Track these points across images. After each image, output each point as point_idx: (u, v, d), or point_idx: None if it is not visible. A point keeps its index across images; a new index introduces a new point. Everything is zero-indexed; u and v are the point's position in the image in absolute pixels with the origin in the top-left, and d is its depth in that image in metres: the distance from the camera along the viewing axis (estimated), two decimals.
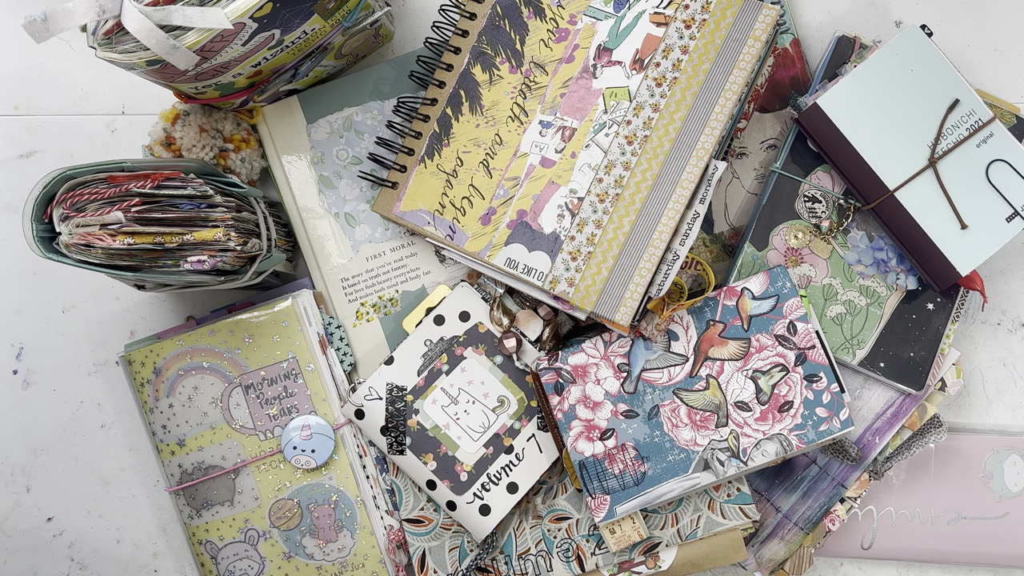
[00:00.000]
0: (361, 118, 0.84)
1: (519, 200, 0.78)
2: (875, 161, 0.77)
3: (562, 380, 0.77)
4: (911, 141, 0.77)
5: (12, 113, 0.88)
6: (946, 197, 0.77)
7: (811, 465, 0.81)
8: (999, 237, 0.77)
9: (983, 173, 0.77)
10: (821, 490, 0.81)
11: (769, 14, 0.75)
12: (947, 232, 0.77)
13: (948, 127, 0.77)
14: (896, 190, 0.77)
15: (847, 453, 0.80)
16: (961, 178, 0.77)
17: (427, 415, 0.80)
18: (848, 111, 0.77)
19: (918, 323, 0.80)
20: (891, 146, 0.77)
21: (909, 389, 0.79)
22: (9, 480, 0.88)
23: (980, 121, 0.77)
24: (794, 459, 0.82)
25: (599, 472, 0.77)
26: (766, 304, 0.77)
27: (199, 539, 0.82)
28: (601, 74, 0.78)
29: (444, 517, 0.81)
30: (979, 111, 0.77)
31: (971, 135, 0.77)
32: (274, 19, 0.68)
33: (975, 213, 0.77)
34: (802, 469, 0.82)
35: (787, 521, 0.82)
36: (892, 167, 0.77)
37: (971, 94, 0.77)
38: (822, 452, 0.81)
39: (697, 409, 0.77)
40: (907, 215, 0.77)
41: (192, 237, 0.70)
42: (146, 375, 0.82)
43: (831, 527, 0.81)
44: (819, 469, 0.81)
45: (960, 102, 0.77)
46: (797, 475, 0.82)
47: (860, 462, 0.80)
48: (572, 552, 0.80)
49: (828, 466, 0.81)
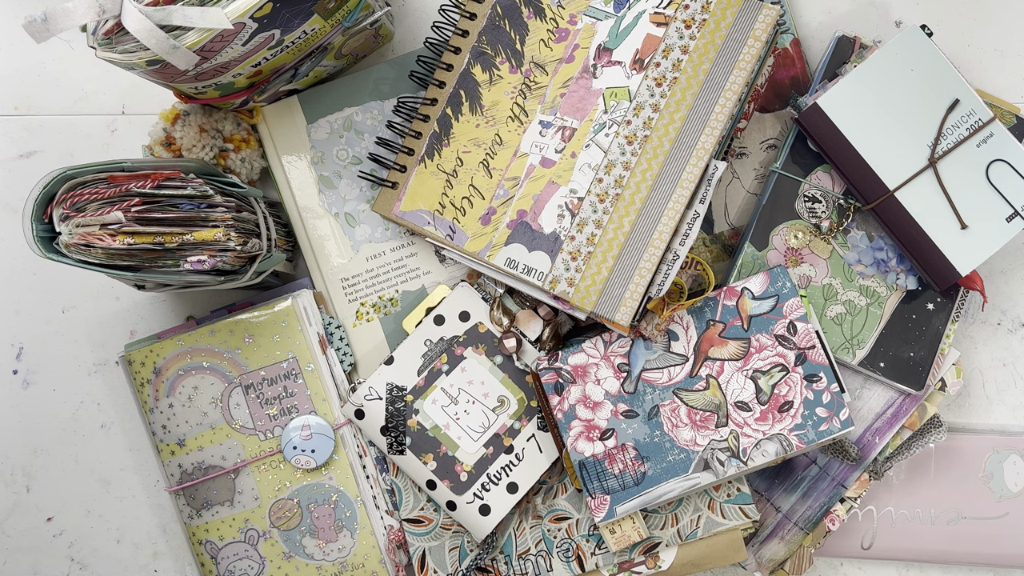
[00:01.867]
0: (361, 118, 0.84)
1: (519, 200, 0.78)
2: (875, 161, 0.77)
3: (562, 380, 0.77)
4: (911, 141, 0.77)
5: (12, 113, 0.88)
6: (946, 197, 0.77)
7: (811, 465, 0.81)
8: (999, 237, 0.77)
9: (983, 173, 0.77)
10: (821, 490, 0.81)
11: (769, 14, 0.75)
12: (947, 232, 0.77)
13: (948, 127, 0.77)
14: (896, 190, 0.77)
15: (847, 453, 0.80)
16: (961, 178, 0.77)
17: (427, 415, 0.80)
18: (848, 111, 0.77)
19: (918, 323, 0.80)
20: (891, 146, 0.77)
21: (909, 389, 0.79)
22: (9, 480, 0.88)
23: (980, 121, 0.77)
24: (794, 459, 0.82)
25: (599, 472, 0.77)
26: (766, 304, 0.77)
27: (199, 539, 0.82)
28: (601, 74, 0.78)
29: (444, 517, 0.81)
30: (979, 111, 0.77)
31: (971, 135, 0.77)
32: (274, 19, 0.68)
33: (975, 213, 0.77)
34: (802, 469, 0.82)
35: (787, 521, 0.82)
36: (892, 167, 0.77)
37: (971, 94, 0.77)
38: (822, 452, 0.81)
39: (697, 409, 0.77)
40: (907, 215, 0.77)
41: (192, 237, 0.70)
42: (146, 375, 0.82)
43: (831, 527, 0.81)
44: (819, 469, 0.81)
45: (960, 102, 0.77)
46: (797, 475, 0.82)
47: (860, 462, 0.80)
48: (572, 552, 0.80)
49: (828, 466, 0.81)
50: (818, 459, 0.81)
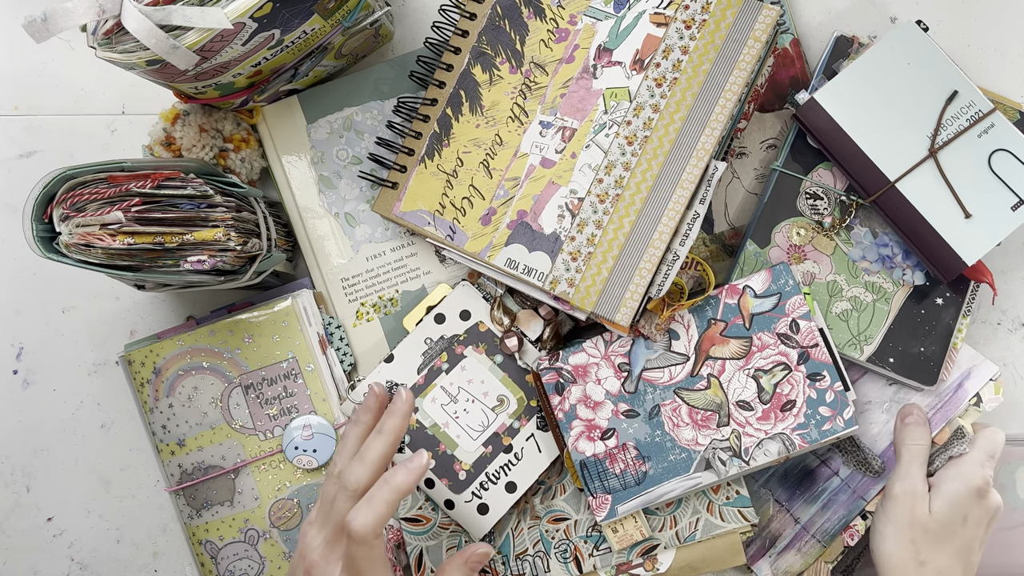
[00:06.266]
0: (361, 118, 0.84)
1: (519, 200, 0.78)
2: (875, 153, 0.77)
3: (563, 380, 0.77)
4: (910, 132, 0.77)
5: (12, 113, 0.88)
6: (948, 187, 0.76)
7: (833, 477, 0.80)
8: (1005, 225, 0.76)
9: (985, 162, 0.77)
10: (841, 502, 0.80)
11: (769, 15, 0.75)
12: (951, 221, 0.77)
13: (947, 118, 0.77)
14: (897, 181, 0.77)
15: (870, 465, 0.79)
16: (963, 168, 0.76)
17: (426, 413, 0.80)
18: (846, 105, 0.77)
19: (927, 318, 0.79)
20: (890, 138, 0.77)
21: (921, 385, 0.79)
22: (9, 480, 0.88)
23: (980, 112, 0.77)
24: (816, 470, 0.81)
25: (600, 472, 0.77)
26: (768, 302, 0.77)
27: (199, 539, 0.82)
28: (601, 74, 0.78)
29: (442, 516, 0.81)
30: (979, 102, 0.77)
31: (971, 125, 0.76)
32: (274, 19, 0.68)
33: (979, 202, 0.76)
34: (823, 480, 0.80)
35: (805, 533, 0.80)
36: (892, 158, 0.77)
37: (969, 86, 0.76)
38: (844, 464, 0.80)
39: (698, 408, 0.76)
40: (910, 206, 0.77)
41: (192, 237, 0.70)
42: (146, 375, 0.82)
43: (849, 542, 0.79)
44: (841, 481, 0.80)
45: (959, 93, 0.77)
46: (818, 486, 0.81)
47: (882, 475, 0.79)
48: (570, 553, 0.80)
49: (850, 479, 0.80)
50: (840, 471, 0.80)
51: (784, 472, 0.81)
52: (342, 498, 0.67)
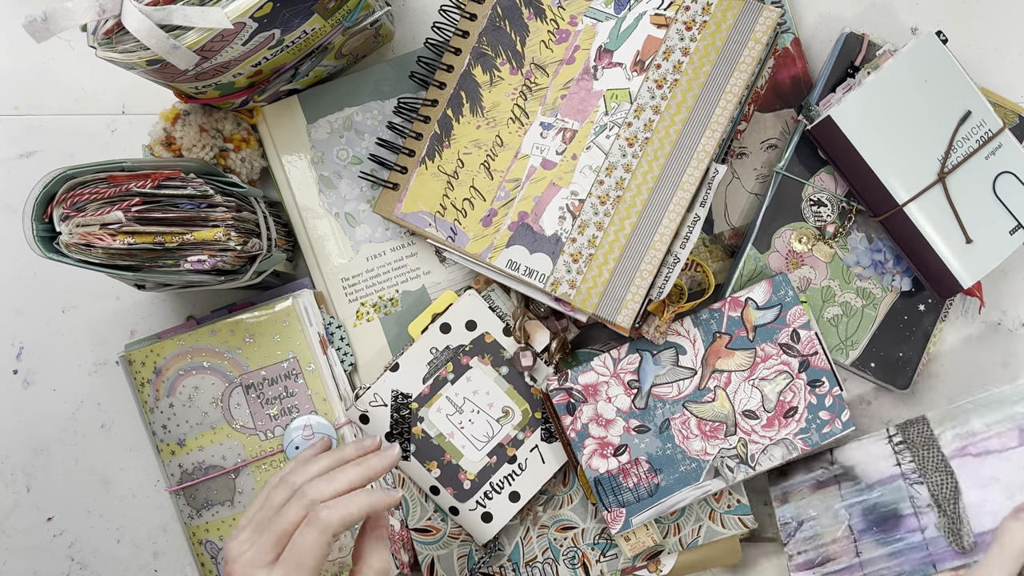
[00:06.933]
0: (361, 118, 0.84)
1: (520, 202, 0.78)
2: (885, 175, 0.77)
3: (573, 400, 0.78)
4: (922, 155, 0.77)
5: (12, 113, 0.88)
6: (953, 212, 0.77)
7: (917, 532, 0.76)
8: (1002, 250, 0.78)
9: (990, 186, 0.77)
10: (911, 559, 0.76)
11: (770, 16, 0.75)
12: (952, 246, 0.77)
13: (959, 140, 0.76)
14: (905, 204, 0.77)
15: (960, 538, 0.75)
16: (969, 192, 0.77)
17: (432, 423, 0.81)
18: (861, 124, 0.77)
19: (909, 324, 0.80)
20: (902, 160, 0.77)
21: (894, 388, 0.80)
22: (9, 480, 0.88)
23: (990, 132, 0.77)
24: (905, 518, 0.77)
25: (614, 487, 0.78)
26: (770, 314, 0.78)
27: (199, 539, 0.82)
28: (602, 76, 0.78)
29: (452, 526, 0.82)
30: (989, 121, 0.77)
31: (980, 147, 0.76)
32: (274, 19, 0.68)
33: (980, 227, 0.77)
34: (906, 531, 0.76)
35: (859, 569, 0.77)
36: (902, 181, 0.77)
37: (983, 104, 0.76)
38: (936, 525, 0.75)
39: (707, 420, 0.77)
40: (914, 228, 0.77)
41: (192, 237, 0.70)
42: (146, 375, 0.82)
43: None
44: (922, 539, 0.76)
45: (972, 113, 0.76)
46: (898, 534, 0.77)
47: (966, 554, 0.75)
48: (578, 560, 0.81)
49: (932, 542, 0.76)
50: (927, 530, 0.76)
51: (874, 505, 0.78)
52: (295, 507, 0.65)
